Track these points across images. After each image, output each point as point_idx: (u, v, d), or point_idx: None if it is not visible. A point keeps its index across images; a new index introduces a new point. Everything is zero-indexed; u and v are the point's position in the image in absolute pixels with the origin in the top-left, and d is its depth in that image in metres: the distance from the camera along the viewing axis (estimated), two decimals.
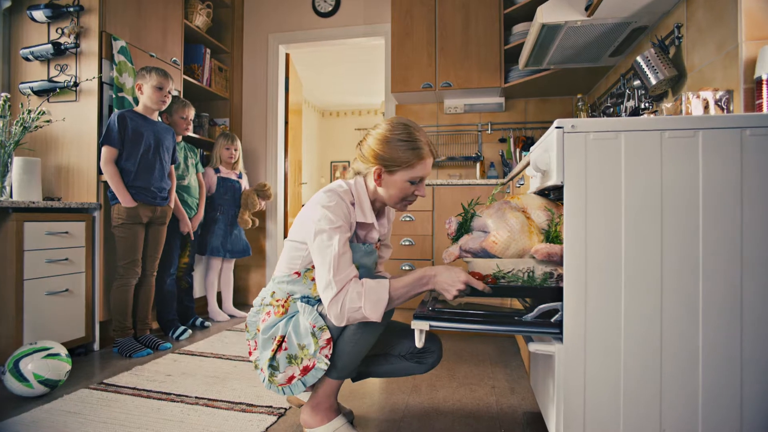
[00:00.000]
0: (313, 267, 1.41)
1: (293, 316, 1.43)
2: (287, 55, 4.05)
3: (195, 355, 2.41)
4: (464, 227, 1.30)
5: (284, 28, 3.85)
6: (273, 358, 1.39)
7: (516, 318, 1.19)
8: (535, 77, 2.94)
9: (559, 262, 1.20)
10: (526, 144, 3.31)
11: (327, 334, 1.35)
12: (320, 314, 1.38)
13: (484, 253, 1.24)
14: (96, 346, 2.47)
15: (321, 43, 3.84)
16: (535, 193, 1.56)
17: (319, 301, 1.44)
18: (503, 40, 3.14)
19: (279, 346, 1.39)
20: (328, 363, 1.35)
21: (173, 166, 2.67)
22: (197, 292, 3.30)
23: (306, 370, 1.36)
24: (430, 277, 1.26)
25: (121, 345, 2.40)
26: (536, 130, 3.41)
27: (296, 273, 1.43)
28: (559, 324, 1.15)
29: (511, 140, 3.36)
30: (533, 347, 1.19)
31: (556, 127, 1.15)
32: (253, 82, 3.92)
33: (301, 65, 5.51)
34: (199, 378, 2.05)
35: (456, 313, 1.27)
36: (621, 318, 1.10)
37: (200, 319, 3.03)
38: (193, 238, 2.98)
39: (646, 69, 1.87)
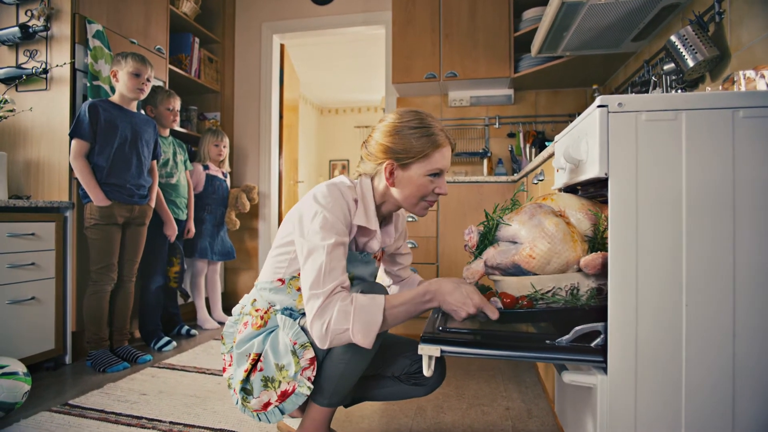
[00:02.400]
0: (300, 275, 1.20)
1: (273, 331, 1.21)
2: (282, 46, 3.82)
3: (176, 369, 2.18)
4: (488, 238, 1.07)
5: (278, 17, 3.63)
6: (246, 379, 1.17)
7: (547, 342, 0.97)
8: (548, 66, 2.72)
9: None
10: (537, 139, 3.09)
11: (310, 353, 1.13)
12: (303, 329, 1.16)
13: (517, 270, 1.01)
14: (68, 359, 2.25)
15: (318, 33, 3.62)
16: (561, 189, 1.34)
17: (304, 313, 1.22)
18: (513, 26, 2.92)
19: (254, 366, 1.17)
20: (311, 387, 1.13)
21: (155, 161, 2.44)
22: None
23: (284, 396, 1.14)
24: (435, 293, 1.04)
25: (94, 358, 2.18)
26: (547, 124, 3.19)
27: (280, 280, 1.21)
28: (601, 349, 0.93)
29: (521, 135, 3.14)
30: (568, 377, 0.97)
31: (599, 106, 0.93)
32: (246, 74, 3.70)
33: (299, 61, 5.29)
34: (178, 398, 1.83)
35: (473, 333, 1.05)
36: (682, 342, 0.88)
37: (186, 327, 2.81)
38: (182, 238, 2.76)
39: (682, 49, 1.65)
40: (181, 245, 2.80)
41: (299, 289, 1.20)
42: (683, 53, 1.65)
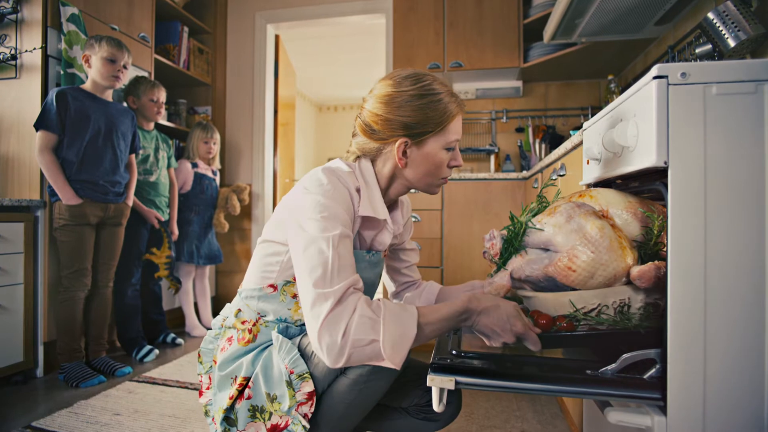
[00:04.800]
0: (296, 278, 1.00)
1: (264, 349, 1.01)
2: (277, 37, 3.63)
3: (157, 383, 1.99)
4: (513, 244, 0.88)
5: (273, 5, 3.44)
6: (231, 407, 0.97)
7: (589, 372, 0.78)
8: (560, 54, 2.52)
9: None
10: (547, 134, 2.90)
11: (309, 386, 0.91)
12: (302, 354, 0.94)
13: (550, 283, 0.82)
14: (39, 373, 2.06)
15: (314, 22, 3.43)
16: (591, 185, 1.15)
17: (303, 328, 1.02)
18: (522, 13, 2.73)
19: (240, 392, 0.97)
20: (307, 426, 0.92)
21: (133, 156, 2.24)
22: (173, 303, 2.89)
23: (275, 430, 0.94)
24: (473, 313, 0.83)
25: (67, 371, 1.98)
26: (558, 118, 3.00)
27: (271, 286, 1.00)
28: (657, 383, 0.75)
29: (530, 130, 2.95)
30: (615, 417, 0.78)
31: (656, 77, 0.74)
32: (239, 66, 3.51)
33: (296, 56, 5.10)
34: (154, 418, 1.64)
35: (495, 359, 0.86)
36: (765, 375, 0.69)
37: (172, 335, 2.62)
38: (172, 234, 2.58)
39: (721, 28, 1.46)
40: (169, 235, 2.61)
41: (295, 296, 1.00)
42: (723, 32, 1.46)
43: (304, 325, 1.02)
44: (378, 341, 0.78)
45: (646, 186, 0.92)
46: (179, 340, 2.61)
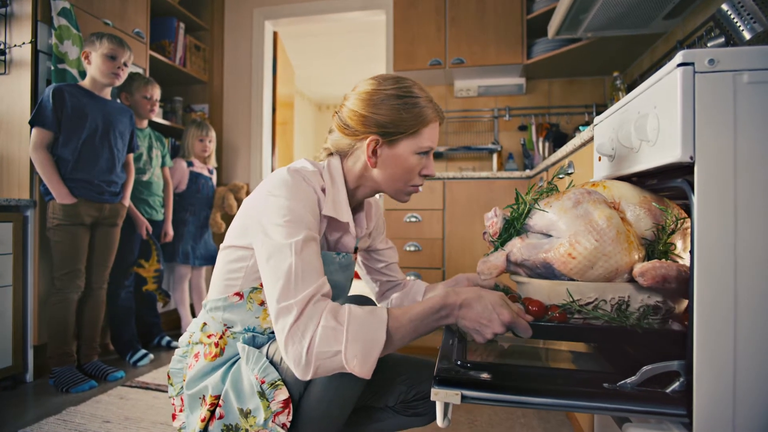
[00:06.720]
0: (263, 285, 0.94)
1: (233, 364, 0.94)
2: (275, 34, 3.57)
3: (150, 388, 1.94)
4: (515, 225, 0.84)
5: (271, 1, 3.38)
6: (204, 430, 0.91)
7: (606, 385, 0.72)
8: (565, 50, 2.46)
9: (677, 291, 0.73)
10: (550, 132, 2.84)
11: (283, 394, 0.86)
12: (271, 362, 0.89)
13: (547, 270, 0.78)
14: (29, 377, 2.00)
15: (313, 18, 3.37)
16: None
17: (271, 336, 0.96)
18: (525, 8, 2.67)
19: (212, 412, 0.91)
20: None
21: (131, 155, 2.18)
22: (168, 305, 2.82)
23: None
24: (453, 307, 0.80)
25: (58, 376, 1.92)
26: (561, 116, 2.94)
27: (237, 294, 0.94)
28: (682, 398, 0.69)
29: (533, 128, 2.89)
30: None
31: (681, 64, 0.68)
32: (236, 63, 3.45)
33: (295, 54, 5.04)
34: (145, 426, 1.58)
35: (502, 370, 0.80)
36: None
37: (167, 338, 2.56)
38: (159, 241, 2.51)
39: (736, 19, 1.40)
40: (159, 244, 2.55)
41: (263, 303, 0.94)
42: (738, 24, 1.40)
43: (272, 333, 0.97)
44: (341, 353, 0.75)
45: (665, 184, 0.86)
46: (174, 343, 2.54)
